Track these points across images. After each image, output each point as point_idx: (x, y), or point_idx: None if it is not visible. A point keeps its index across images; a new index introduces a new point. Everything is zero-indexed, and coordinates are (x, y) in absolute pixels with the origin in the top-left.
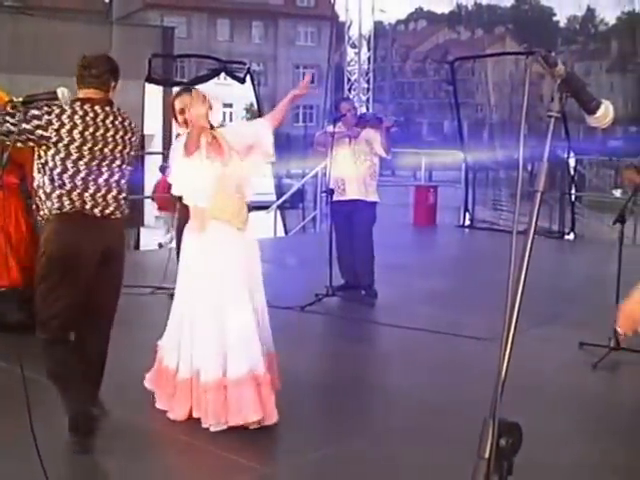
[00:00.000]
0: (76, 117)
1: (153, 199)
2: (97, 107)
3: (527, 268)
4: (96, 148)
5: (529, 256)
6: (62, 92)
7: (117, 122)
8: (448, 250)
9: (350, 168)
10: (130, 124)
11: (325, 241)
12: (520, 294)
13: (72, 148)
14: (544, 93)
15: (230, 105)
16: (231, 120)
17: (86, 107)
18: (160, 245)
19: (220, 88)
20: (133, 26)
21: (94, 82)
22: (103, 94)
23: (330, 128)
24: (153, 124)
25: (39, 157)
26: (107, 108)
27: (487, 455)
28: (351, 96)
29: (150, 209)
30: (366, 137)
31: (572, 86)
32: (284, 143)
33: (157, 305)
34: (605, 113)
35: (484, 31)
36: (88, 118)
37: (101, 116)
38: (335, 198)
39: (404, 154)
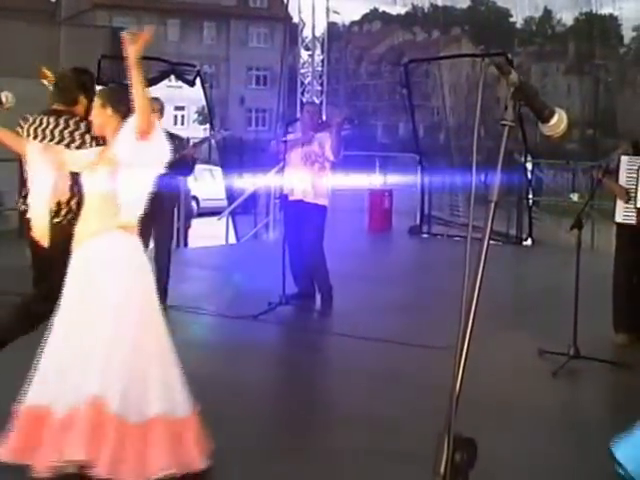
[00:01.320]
0: (38, 128)
1: None
2: (59, 119)
3: (482, 275)
4: None
5: (484, 264)
6: (6, 96)
7: (76, 134)
8: (403, 257)
9: (299, 169)
10: (91, 140)
11: (278, 248)
12: (475, 302)
13: None
14: (500, 95)
15: (182, 108)
16: (183, 124)
17: (48, 118)
18: None
19: (172, 91)
20: (81, 26)
21: (57, 96)
22: (66, 107)
23: (289, 137)
24: None
25: None
26: (70, 121)
27: (442, 471)
28: (304, 99)
29: None
30: (319, 140)
31: (525, 94)
32: (236, 147)
33: None
34: (559, 121)
35: (440, 32)
36: (47, 130)
37: (59, 127)
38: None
39: (359, 157)
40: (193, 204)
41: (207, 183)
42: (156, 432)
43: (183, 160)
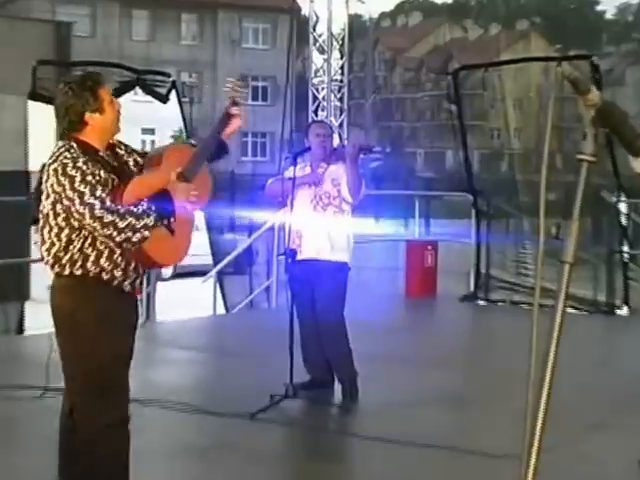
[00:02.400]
0: None
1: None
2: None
3: (555, 356)
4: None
5: (557, 341)
6: None
7: (51, 164)
8: (453, 332)
9: (308, 217)
10: (57, 169)
11: (283, 320)
12: (547, 393)
13: None
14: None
15: (151, 131)
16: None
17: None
18: None
19: (138, 108)
20: (12, 19)
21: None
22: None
23: (289, 171)
24: (41, 156)
25: None
26: (56, 149)
27: None
28: (318, 118)
29: (41, 277)
30: (332, 175)
31: (610, 119)
32: (227, 184)
33: (45, 414)
34: None
35: (501, 27)
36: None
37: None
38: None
39: (393, 196)
40: None
41: None
42: None
43: None
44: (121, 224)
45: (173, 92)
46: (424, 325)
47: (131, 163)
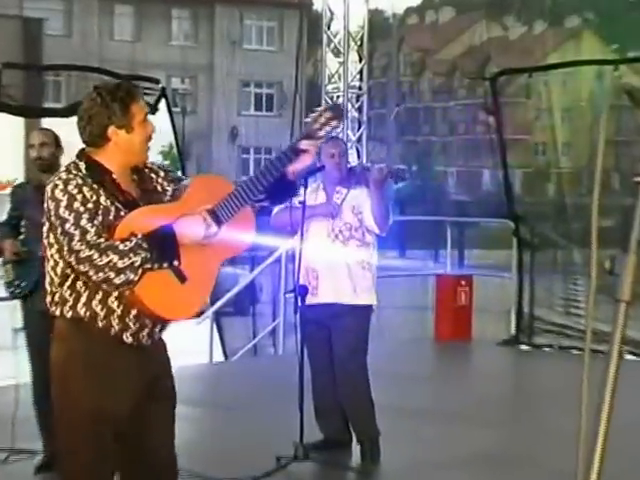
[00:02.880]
0: None
1: None
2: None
3: (609, 411)
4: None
5: (612, 392)
6: None
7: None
8: (490, 382)
9: (325, 252)
10: (49, 190)
11: (291, 369)
12: (600, 456)
13: None
14: None
15: None
16: None
17: None
18: None
19: None
20: None
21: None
22: None
23: (299, 195)
24: (9, 172)
25: None
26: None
27: None
28: (333, 133)
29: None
30: (352, 202)
31: None
32: None
33: None
34: None
35: (548, 25)
36: None
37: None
38: (307, 299)
39: (420, 223)
40: None
41: None
42: None
43: None
44: (99, 261)
45: (162, 101)
46: (457, 374)
47: (162, 189)
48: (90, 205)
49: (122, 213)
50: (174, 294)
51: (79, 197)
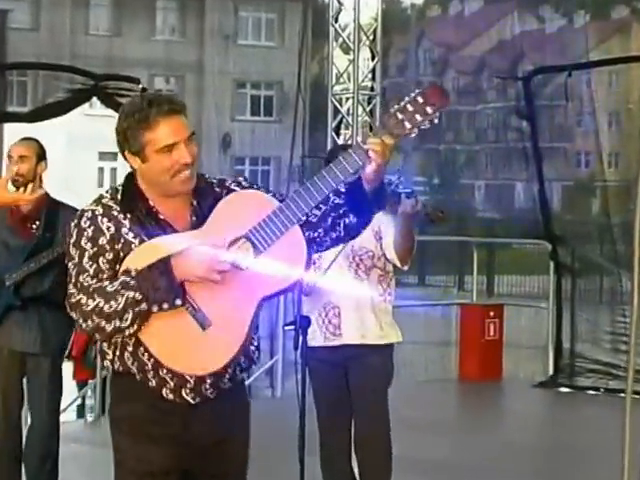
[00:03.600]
0: None
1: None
2: None
3: None
4: None
5: None
6: None
7: None
8: (525, 431)
9: (347, 284)
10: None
11: (291, 414)
12: None
13: None
14: None
15: (113, 156)
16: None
17: None
18: None
19: (95, 124)
20: None
21: None
22: None
23: None
24: None
25: None
26: None
27: None
28: (341, 139)
29: None
30: (374, 225)
31: None
32: None
33: None
34: None
35: (590, 17)
36: None
37: None
38: (319, 342)
39: (442, 244)
40: None
41: None
42: None
43: None
44: (86, 306)
45: None
46: (485, 421)
47: None
48: (102, 240)
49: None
50: (193, 344)
51: (90, 230)
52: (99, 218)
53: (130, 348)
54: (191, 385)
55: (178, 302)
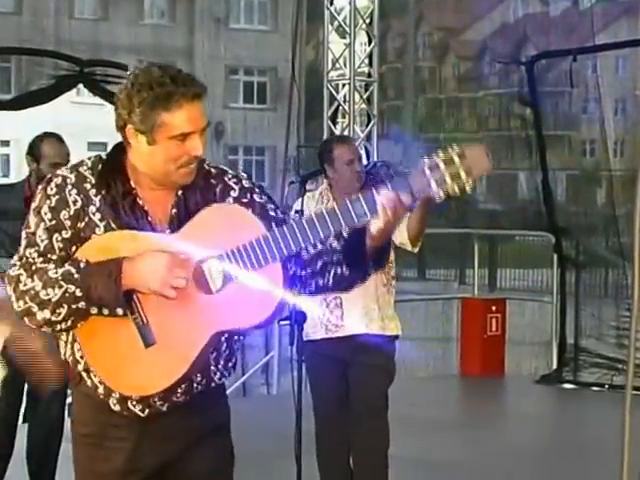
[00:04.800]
0: None
1: None
2: None
3: None
4: None
5: None
6: None
7: None
8: (527, 429)
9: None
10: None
11: (287, 412)
12: None
13: None
14: None
15: (102, 146)
16: None
17: None
18: None
19: (81, 112)
20: None
21: None
22: None
23: (297, 203)
24: None
25: None
26: None
27: None
28: (337, 129)
29: None
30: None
31: None
32: None
33: None
34: None
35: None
36: None
37: None
38: (321, 335)
39: (443, 237)
40: None
41: None
42: None
43: None
44: (23, 285)
45: None
46: (487, 418)
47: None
48: (64, 214)
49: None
50: (130, 359)
51: (54, 200)
52: (68, 188)
53: (78, 345)
54: (137, 396)
55: (119, 312)
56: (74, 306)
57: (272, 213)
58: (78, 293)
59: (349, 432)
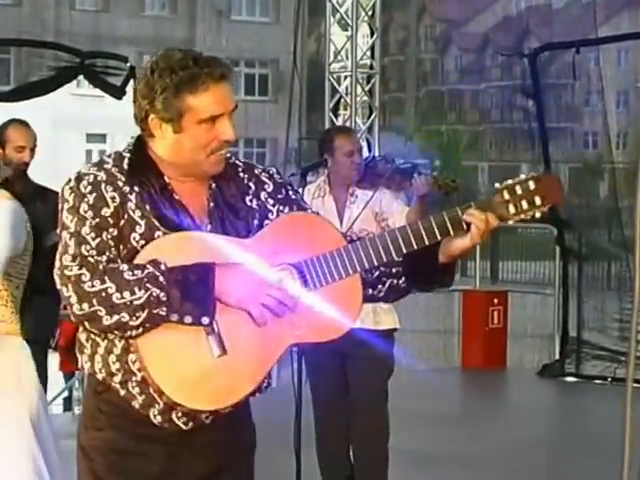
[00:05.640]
0: None
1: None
2: None
3: None
4: None
5: None
6: None
7: None
8: (529, 422)
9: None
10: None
11: (287, 405)
12: None
13: None
14: None
15: (101, 138)
16: None
17: None
18: None
19: (82, 105)
20: None
21: None
22: None
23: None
24: None
25: None
26: None
27: None
28: (339, 120)
29: None
30: (374, 206)
31: None
32: None
33: None
34: None
35: None
36: None
37: None
38: None
39: None
40: None
41: None
42: None
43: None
44: (88, 286)
45: (132, 83)
46: (488, 411)
47: (260, 207)
48: (105, 211)
49: (157, 234)
50: (199, 370)
51: (91, 197)
52: (102, 185)
53: (117, 351)
54: (185, 408)
55: (205, 321)
56: (155, 311)
57: (309, 212)
58: (163, 297)
59: (349, 425)
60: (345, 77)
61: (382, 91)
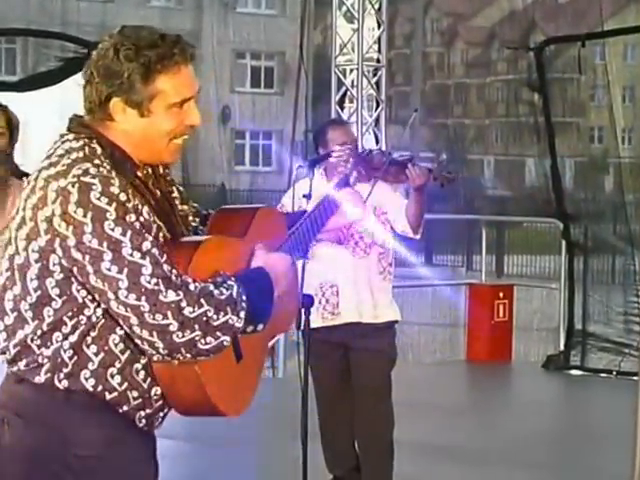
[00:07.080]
0: None
1: None
2: None
3: None
4: None
5: None
6: None
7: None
8: (534, 415)
9: (344, 263)
10: (65, 190)
11: (293, 396)
12: None
13: None
14: None
15: None
16: None
17: None
18: None
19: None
20: None
21: None
22: None
23: (302, 185)
24: None
25: None
26: (57, 144)
27: None
28: (345, 114)
29: None
30: (373, 201)
31: None
32: (215, 202)
33: None
34: None
35: None
36: None
37: None
38: (317, 323)
39: (450, 223)
40: None
41: None
42: None
43: None
44: (190, 312)
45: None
46: (494, 404)
47: (177, 199)
48: (142, 218)
49: (164, 235)
50: (229, 378)
51: (130, 205)
52: (123, 189)
53: (118, 364)
54: (164, 412)
55: (260, 327)
56: (242, 330)
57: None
58: (250, 311)
59: (352, 417)
60: (351, 70)
61: (388, 84)
